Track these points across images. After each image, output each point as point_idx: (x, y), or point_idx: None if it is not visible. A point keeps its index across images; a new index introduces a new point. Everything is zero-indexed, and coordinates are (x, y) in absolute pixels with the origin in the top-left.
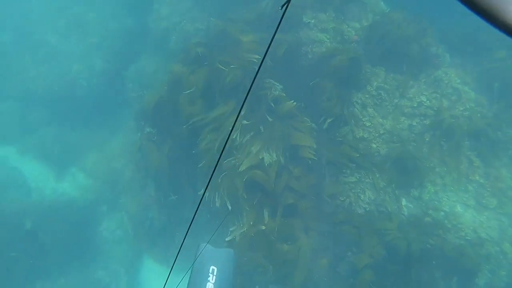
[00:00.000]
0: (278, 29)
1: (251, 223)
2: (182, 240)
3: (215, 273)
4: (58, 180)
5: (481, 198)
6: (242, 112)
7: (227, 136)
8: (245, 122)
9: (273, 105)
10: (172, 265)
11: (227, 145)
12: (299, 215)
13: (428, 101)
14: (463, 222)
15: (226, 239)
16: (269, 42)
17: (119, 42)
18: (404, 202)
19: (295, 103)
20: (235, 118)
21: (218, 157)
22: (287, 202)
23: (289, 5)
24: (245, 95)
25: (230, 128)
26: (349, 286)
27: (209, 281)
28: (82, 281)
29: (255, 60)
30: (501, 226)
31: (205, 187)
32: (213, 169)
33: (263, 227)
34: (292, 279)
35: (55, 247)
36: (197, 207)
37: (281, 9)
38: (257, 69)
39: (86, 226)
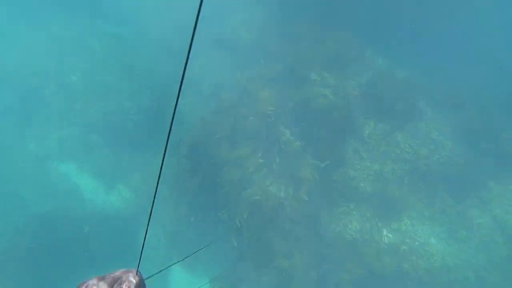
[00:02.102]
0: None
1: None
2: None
3: None
4: (107, 194)
5: (452, 232)
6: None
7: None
8: (261, 160)
9: (283, 146)
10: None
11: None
12: (297, 238)
13: (410, 149)
14: (435, 251)
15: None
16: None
17: (161, 84)
18: (385, 232)
19: (299, 143)
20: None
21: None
22: (286, 227)
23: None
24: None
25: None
26: None
27: None
28: None
29: (270, 112)
30: (466, 256)
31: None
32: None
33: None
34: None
35: (104, 248)
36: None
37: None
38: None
39: (128, 233)
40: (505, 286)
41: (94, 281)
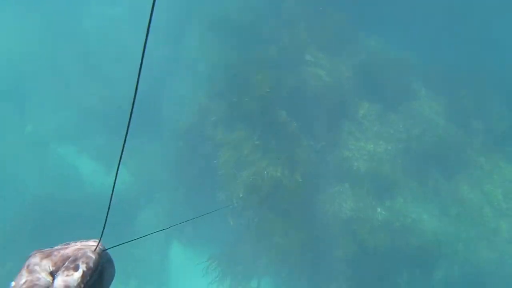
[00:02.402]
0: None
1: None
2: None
3: None
4: (106, 176)
5: (443, 208)
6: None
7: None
8: (257, 142)
9: (279, 128)
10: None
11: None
12: (292, 217)
13: (403, 129)
14: (427, 227)
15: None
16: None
17: (158, 68)
18: (378, 210)
19: (295, 124)
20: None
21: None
22: (282, 208)
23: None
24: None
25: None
26: (327, 274)
27: None
28: (125, 256)
29: (265, 94)
30: (457, 231)
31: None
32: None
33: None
34: (286, 265)
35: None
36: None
37: None
38: None
39: (128, 214)
40: (493, 257)
41: (36, 259)
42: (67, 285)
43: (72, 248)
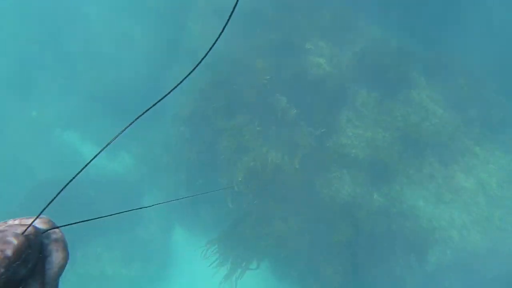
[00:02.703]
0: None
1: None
2: None
3: None
4: (110, 160)
5: (439, 195)
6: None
7: None
8: (258, 128)
9: (280, 114)
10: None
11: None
12: (292, 202)
13: (401, 117)
14: (422, 213)
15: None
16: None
17: (159, 53)
18: (375, 196)
19: (295, 111)
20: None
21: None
22: (282, 192)
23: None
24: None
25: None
26: (324, 256)
27: None
28: (129, 238)
29: (265, 81)
30: (451, 217)
31: None
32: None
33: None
34: (285, 247)
35: (108, 211)
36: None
37: None
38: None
39: (132, 197)
40: (485, 243)
41: None
42: None
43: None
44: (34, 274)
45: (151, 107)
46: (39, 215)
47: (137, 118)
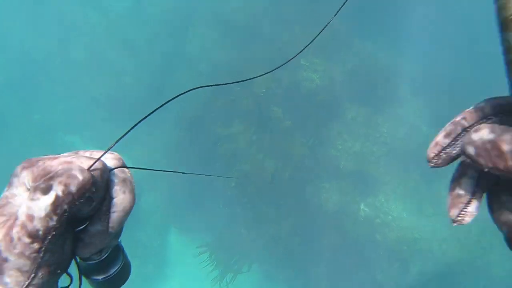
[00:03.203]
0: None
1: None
2: None
3: None
4: None
5: (421, 208)
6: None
7: None
8: (253, 137)
9: (274, 125)
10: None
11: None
12: (283, 208)
13: (388, 133)
14: (405, 225)
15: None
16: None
17: (160, 61)
18: (362, 206)
19: (290, 122)
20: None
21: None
22: (274, 199)
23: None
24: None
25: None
26: (312, 260)
27: None
28: (126, 240)
29: (261, 94)
30: (433, 230)
31: None
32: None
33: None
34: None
35: None
36: None
37: None
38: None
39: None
40: (463, 257)
41: (17, 169)
42: (30, 214)
43: (60, 159)
44: (99, 214)
45: (156, 109)
46: (109, 149)
47: (143, 119)
